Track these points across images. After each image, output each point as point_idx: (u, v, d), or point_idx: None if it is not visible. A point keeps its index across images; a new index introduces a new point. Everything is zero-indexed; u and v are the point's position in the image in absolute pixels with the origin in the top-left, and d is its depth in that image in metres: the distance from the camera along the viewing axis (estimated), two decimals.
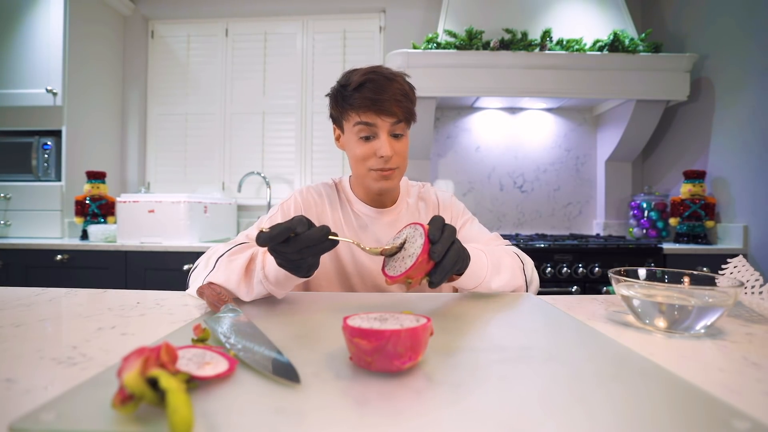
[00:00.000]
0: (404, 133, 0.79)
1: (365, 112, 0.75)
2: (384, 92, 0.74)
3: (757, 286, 0.60)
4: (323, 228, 0.52)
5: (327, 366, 0.36)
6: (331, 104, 0.82)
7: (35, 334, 0.47)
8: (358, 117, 0.76)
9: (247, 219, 2.39)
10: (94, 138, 2.22)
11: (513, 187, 2.34)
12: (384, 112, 0.74)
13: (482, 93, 1.99)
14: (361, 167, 0.80)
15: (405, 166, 0.82)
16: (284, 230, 0.49)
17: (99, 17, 2.24)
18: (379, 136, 0.76)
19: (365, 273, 0.85)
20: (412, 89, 0.80)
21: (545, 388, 0.32)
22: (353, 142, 0.79)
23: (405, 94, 0.76)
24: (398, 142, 0.78)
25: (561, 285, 1.71)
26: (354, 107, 0.75)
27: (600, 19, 2.05)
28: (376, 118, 0.75)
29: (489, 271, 0.68)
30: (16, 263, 1.79)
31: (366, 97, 0.74)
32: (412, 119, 0.80)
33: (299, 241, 0.50)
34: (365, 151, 0.77)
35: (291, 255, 0.51)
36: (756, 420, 0.27)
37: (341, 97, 0.78)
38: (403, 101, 0.75)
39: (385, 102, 0.74)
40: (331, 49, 2.42)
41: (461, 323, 0.52)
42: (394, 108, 0.74)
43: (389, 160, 0.77)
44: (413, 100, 0.79)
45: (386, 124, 0.76)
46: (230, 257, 0.64)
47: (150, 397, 0.27)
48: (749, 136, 1.72)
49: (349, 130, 0.79)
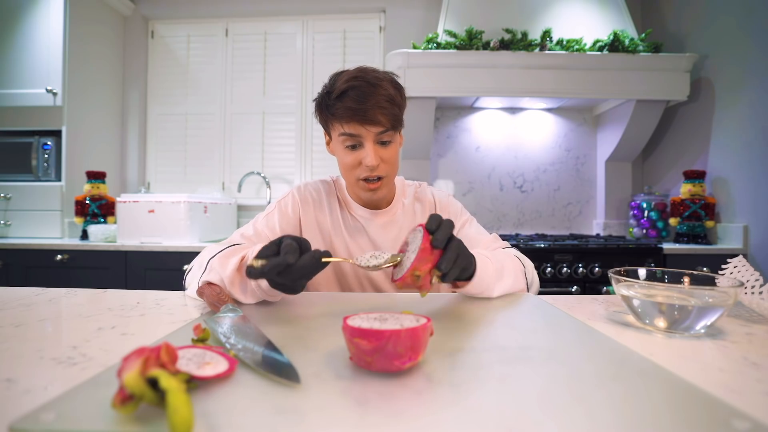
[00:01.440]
0: (392, 139, 0.77)
1: (348, 123, 0.73)
2: (367, 100, 0.70)
3: (757, 286, 0.60)
4: (315, 253, 0.51)
5: (327, 366, 0.36)
6: (317, 112, 0.79)
7: (35, 334, 0.47)
8: (342, 128, 0.74)
9: (247, 219, 2.39)
10: (94, 138, 2.22)
11: (513, 187, 2.34)
12: (368, 122, 0.72)
13: (482, 93, 1.99)
14: (350, 176, 0.79)
15: (394, 172, 0.81)
16: (276, 265, 0.49)
17: (99, 17, 2.24)
18: (365, 145, 0.74)
19: (364, 276, 0.84)
20: (399, 91, 0.76)
21: (545, 388, 0.32)
22: (340, 150, 0.78)
23: (390, 99, 0.73)
24: (385, 149, 0.76)
25: (561, 285, 1.71)
26: (337, 117, 0.73)
27: (600, 19, 2.05)
28: (360, 128, 0.73)
29: (494, 277, 0.66)
30: (16, 263, 1.79)
31: (348, 107, 0.71)
32: (399, 125, 0.77)
33: (293, 272, 0.50)
34: (352, 160, 0.76)
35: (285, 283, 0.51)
36: (756, 420, 0.27)
37: (325, 106, 0.76)
38: (388, 108, 0.72)
39: (368, 111, 0.71)
40: (331, 49, 2.42)
41: (461, 323, 0.52)
42: (378, 116, 0.72)
43: (375, 168, 0.76)
44: (401, 104, 0.76)
45: (371, 134, 0.73)
46: (222, 260, 0.62)
47: (150, 397, 0.27)
48: (749, 136, 1.72)
49: (335, 138, 0.78)
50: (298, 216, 0.86)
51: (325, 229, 0.86)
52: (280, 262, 0.49)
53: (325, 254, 0.52)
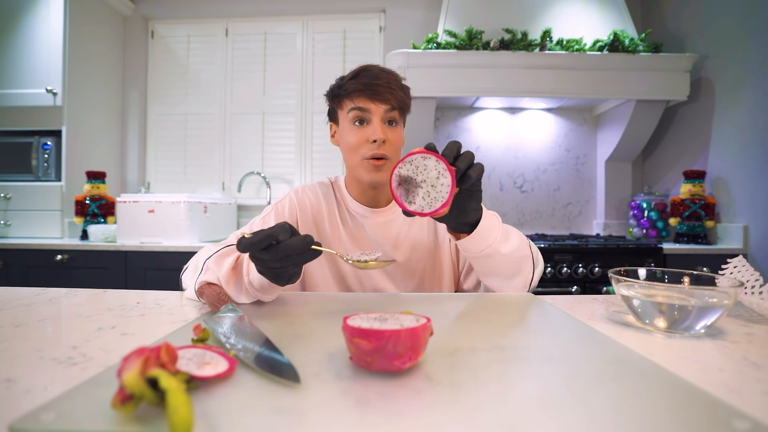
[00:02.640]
0: (398, 122, 0.81)
1: (359, 97, 0.77)
2: (378, 79, 0.76)
3: (757, 286, 0.60)
4: (306, 237, 0.50)
5: (327, 366, 0.36)
6: (328, 98, 0.84)
7: (35, 334, 0.47)
8: (353, 103, 0.78)
9: (247, 219, 2.39)
10: (94, 138, 2.22)
11: (513, 187, 2.34)
12: (378, 97, 0.76)
13: (482, 93, 1.99)
14: (354, 157, 0.79)
15: (397, 158, 0.81)
16: (265, 237, 0.48)
17: (99, 17, 2.24)
18: (372, 121, 0.77)
19: (364, 276, 0.84)
20: (406, 85, 0.82)
21: (545, 388, 0.32)
22: (347, 130, 0.80)
23: (400, 86, 0.79)
24: (392, 130, 0.79)
25: (561, 285, 1.71)
26: (348, 93, 0.78)
27: (600, 19, 2.05)
28: (370, 103, 0.77)
29: (499, 235, 0.66)
30: (16, 263, 1.79)
31: (361, 83, 0.76)
32: (406, 109, 0.82)
33: (280, 250, 0.49)
34: (358, 137, 0.78)
35: (271, 263, 0.50)
36: (756, 420, 0.27)
37: (337, 88, 0.81)
38: (396, 90, 0.78)
39: (379, 87, 0.76)
40: (331, 49, 2.42)
41: (461, 323, 0.52)
42: (387, 94, 0.76)
43: (381, 144, 0.77)
44: (407, 93, 0.82)
45: (380, 110, 0.77)
46: (218, 260, 0.62)
47: (150, 397, 0.27)
48: (749, 136, 1.72)
49: (343, 118, 0.81)
50: (296, 219, 0.86)
51: (324, 232, 0.86)
52: (270, 234, 0.48)
53: (316, 243, 0.52)
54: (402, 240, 0.86)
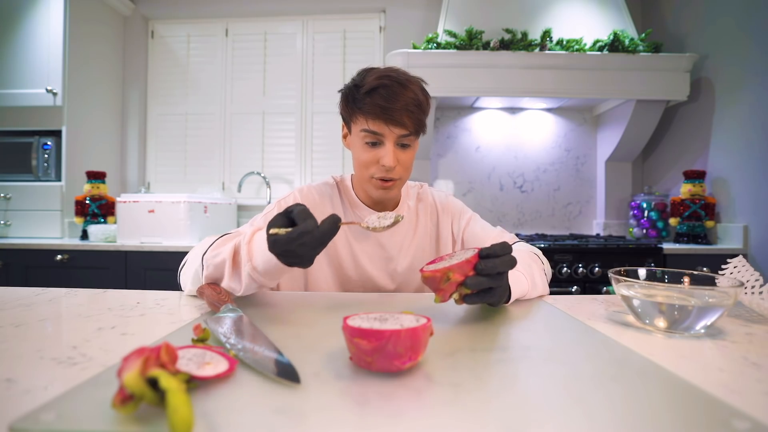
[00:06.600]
0: (412, 144, 0.77)
1: (374, 120, 0.72)
2: (396, 100, 0.71)
3: (757, 286, 0.60)
4: (332, 218, 0.51)
5: (327, 366, 0.36)
6: (342, 103, 0.79)
7: (35, 334, 0.47)
8: (366, 124, 0.73)
9: (247, 219, 2.38)
10: (94, 138, 2.22)
11: (513, 187, 2.34)
12: (393, 122, 0.72)
13: (482, 93, 1.99)
14: (364, 172, 0.78)
15: (407, 177, 0.80)
16: (300, 235, 0.48)
17: (99, 17, 2.24)
18: (385, 144, 0.74)
19: (364, 276, 0.84)
20: (426, 97, 0.76)
21: (545, 388, 0.32)
22: (358, 146, 0.77)
23: (418, 104, 0.73)
24: (404, 152, 0.76)
25: (561, 285, 1.71)
26: (363, 112, 0.73)
27: (600, 19, 2.05)
28: (385, 127, 0.72)
29: (527, 284, 0.66)
30: (16, 263, 1.79)
31: (376, 104, 0.71)
32: (421, 130, 0.77)
33: (314, 240, 0.49)
34: (369, 157, 0.76)
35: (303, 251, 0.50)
36: (756, 420, 0.27)
37: (352, 99, 0.75)
38: (415, 112, 0.72)
39: (395, 111, 0.71)
40: (331, 49, 2.42)
41: (461, 323, 0.52)
42: (404, 119, 0.72)
43: (391, 170, 0.75)
44: (426, 110, 0.75)
45: (393, 135, 0.73)
46: (213, 252, 0.62)
47: (150, 397, 0.27)
48: (749, 136, 1.71)
49: (356, 133, 0.77)
50: None
51: None
52: (304, 230, 0.48)
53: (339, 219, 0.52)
54: (407, 245, 0.86)
